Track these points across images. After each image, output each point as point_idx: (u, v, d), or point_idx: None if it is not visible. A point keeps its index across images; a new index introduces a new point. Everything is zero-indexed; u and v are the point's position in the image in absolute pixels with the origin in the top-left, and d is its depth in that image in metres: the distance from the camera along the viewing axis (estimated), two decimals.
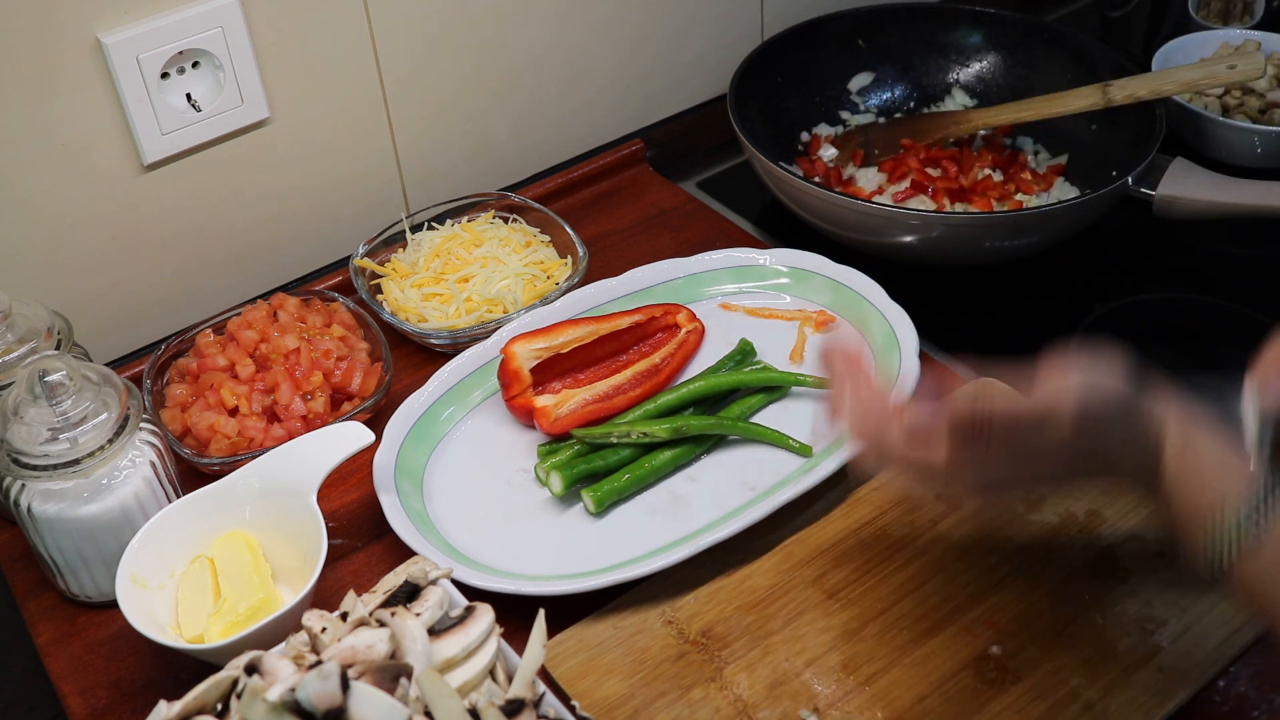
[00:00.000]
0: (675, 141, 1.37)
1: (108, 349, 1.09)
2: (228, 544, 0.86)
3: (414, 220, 1.17)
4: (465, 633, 0.69)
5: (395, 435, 0.97)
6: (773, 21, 1.38)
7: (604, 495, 0.93)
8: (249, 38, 1.03)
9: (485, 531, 0.93)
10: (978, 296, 1.17)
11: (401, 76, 1.15)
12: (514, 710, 0.65)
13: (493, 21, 1.18)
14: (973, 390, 0.72)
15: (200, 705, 0.66)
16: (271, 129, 1.09)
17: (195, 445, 0.97)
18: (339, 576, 0.91)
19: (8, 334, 0.91)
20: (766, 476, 0.95)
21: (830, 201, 1.12)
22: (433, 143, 1.21)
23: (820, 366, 0.76)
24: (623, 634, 0.84)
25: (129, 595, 0.81)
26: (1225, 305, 1.14)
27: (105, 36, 0.97)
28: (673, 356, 1.03)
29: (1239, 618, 0.81)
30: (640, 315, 1.05)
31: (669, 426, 0.95)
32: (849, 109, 1.37)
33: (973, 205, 1.21)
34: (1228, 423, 0.71)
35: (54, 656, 0.88)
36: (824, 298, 1.09)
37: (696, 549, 0.87)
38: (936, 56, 1.37)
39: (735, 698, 0.79)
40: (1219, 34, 1.37)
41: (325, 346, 1.02)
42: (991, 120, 1.26)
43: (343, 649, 0.67)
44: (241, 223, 1.12)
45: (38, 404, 0.82)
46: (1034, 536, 0.88)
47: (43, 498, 0.84)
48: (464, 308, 1.08)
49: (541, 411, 0.98)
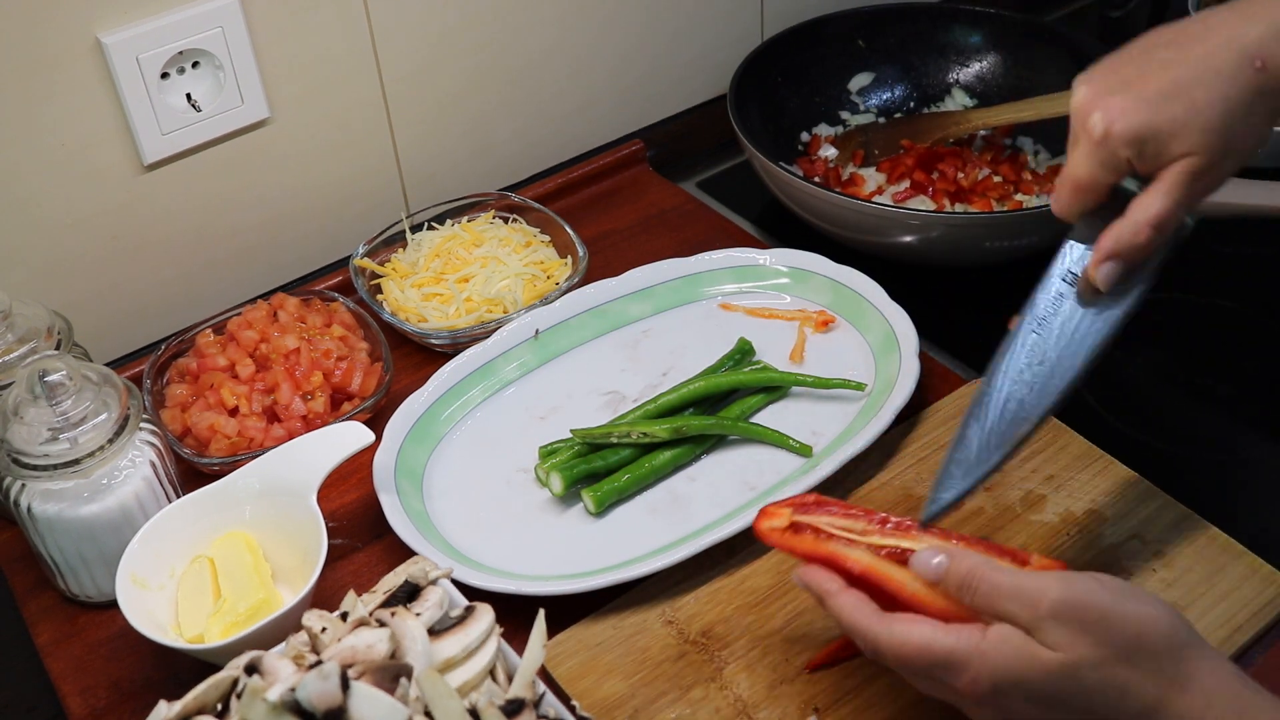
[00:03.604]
0: (675, 141, 1.37)
1: (108, 349, 1.09)
2: (228, 544, 0.86)
3: (414, 220, 1.17)
4: (465, 633, 0.69)
5: (395, 435, 0.97)
6: (773, 21, 1.38)
7: (604, 495, 0.93)
8: (249, 38, 1.03)
9: (485, 531, 0.93)
10: (978, 296, 1.17)
11: (401, 76, 1.15)
12: (514, 710, 0.65)
13: (493, 21, 1.18)
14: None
15: (200, 705, 0.66)
16: (271, 129, 1.09)
17: (195, 445, 0.97)
18: (339, 576, 0.91)
19: (8, 334, 0.91)
20: (766, 476, 0.95)
21: (830, 201, 1.12)
22: (433, 143, 1.21)
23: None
24: (623, 634, 0.84)
25: (129, 595, 0.81)
26: (1225, 305, 1.14)
27: (105, 36, 0.97)
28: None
29: (1239, 617, 0.81)
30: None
31: (669, 426, 0.95)
32: (849, 109, 1.37)
33: (973, 205, 1.21)
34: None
35: (54, 656, 0.88)
36: (824, 298, 1.09)
37: (696, 549, 0.87)
38: (936, 56, 1.37)
39: (735, 698, 0.79)
40: None
41: (325, 346, 1.02)
42: (991, 120, 1.26)
43: (343, 649, 0.67)
44: (241, 222, 1.12)
45: (38, 404, 0.82)
46: (1034, 536, 0.88)
47: (43, 498, 0.84)
48: (464, 308, 1.08)
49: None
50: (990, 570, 0.66)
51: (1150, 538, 0.87)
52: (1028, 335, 0.77)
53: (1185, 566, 0.84)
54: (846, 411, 1.00)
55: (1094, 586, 0.65)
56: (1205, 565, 0.84)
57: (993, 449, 0.76)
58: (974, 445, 0.77)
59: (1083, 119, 0.74)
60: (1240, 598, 0.82)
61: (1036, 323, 0.77)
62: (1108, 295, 0.75)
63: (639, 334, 1.09)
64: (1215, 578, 0.84)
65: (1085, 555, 0.86)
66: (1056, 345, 0.76)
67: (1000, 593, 0.65)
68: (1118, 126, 0.72)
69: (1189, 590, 0.83)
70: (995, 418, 0.76)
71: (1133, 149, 0.72)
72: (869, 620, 0.69)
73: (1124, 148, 0.72)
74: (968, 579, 0.67)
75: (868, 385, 1.01)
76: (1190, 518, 0.88)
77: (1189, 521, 0.87)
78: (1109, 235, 0.74)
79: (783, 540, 0.74)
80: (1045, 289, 0.78)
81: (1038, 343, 0.77)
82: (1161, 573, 0.84)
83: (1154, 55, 0.73)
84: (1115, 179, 0.74)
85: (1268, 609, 0.82)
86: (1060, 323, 0.77)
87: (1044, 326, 0.77)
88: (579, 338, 1.08)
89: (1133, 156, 0.72)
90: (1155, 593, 0.82)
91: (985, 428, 0.76)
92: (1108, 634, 0.63)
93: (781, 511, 0.75)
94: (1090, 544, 0.87)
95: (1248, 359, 1.08)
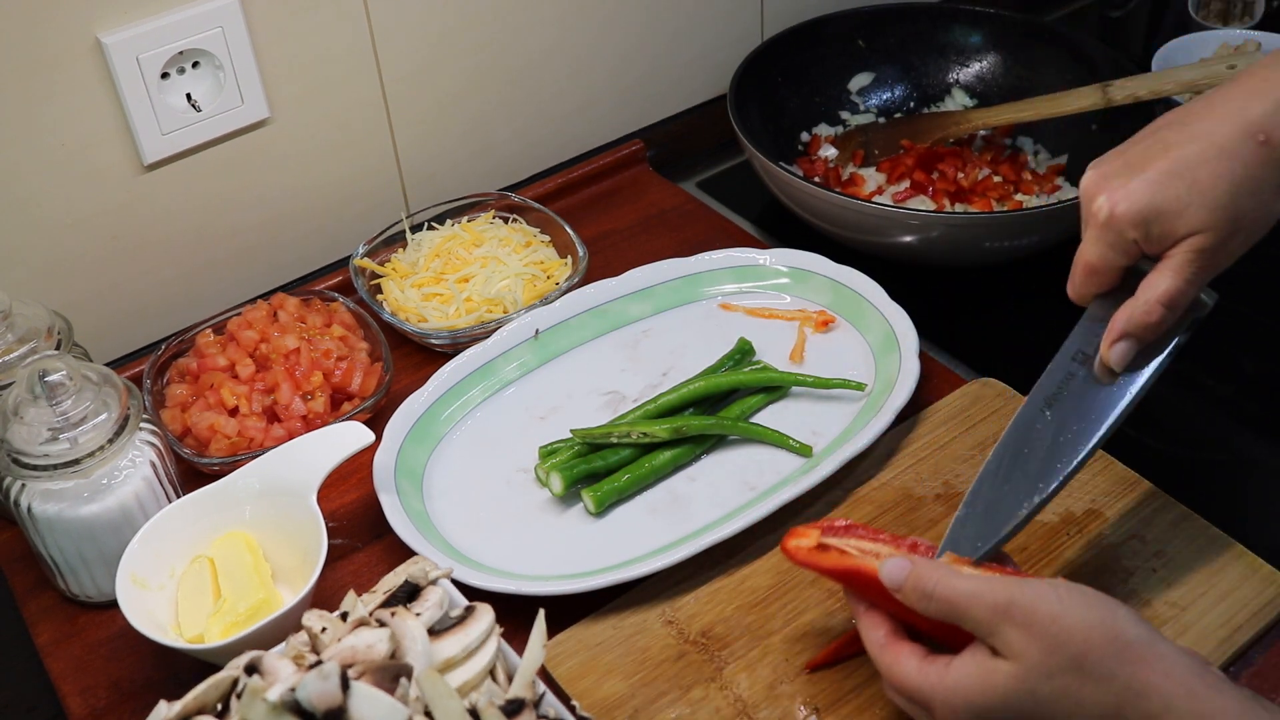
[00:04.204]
0: (675, 141, 1.37)
1: (108, 349, 1.09)
2: (228, 544, 0.86)
3: (414, 220, 1.17)
4: (465, 633, 0.69)
5: (395, 435, 0.97)
6: (773, 21, 1.38)
7: (604, 495, 0.93)
8: (249, 38, 1.03)
9: (485, 531, 0.93)
10: (978, 296, 1.17)
11: (401, 76, 1.15)
12: (514, 710, 0.65)
13: (493, 21, 1.18)
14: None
15: (200, 705, 0.66)
16: (271, 129, 1.09)
17: (195, 445, 0.97)
18: (339, 576, 0.91)
19: (8, 334, 0.91)
20: (766, 476, 0.95)
21: (830, 201, 1.12)
22: (433, 143, 1.21)
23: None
24: (623, 634, 0.84)
25: (129, 595, 0.81)
26: (1225, 305, 1.13)
27: (105, 36, 0.97)
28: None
29: (1239, 617, 0.81)
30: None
31: (669, 426, 0.95)
32: (849, 109, 1.37)
33: (973, 205, 1.21)
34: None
35: (54, 656, 0.88)
36: (824, 298, 1.09)
37: (696, 549, 0.87)
38: (936, 56, 1.37)
39: (735, 698, 0.79)
40: (1219, 34, 1.37)
41: (325, 346, 1.02)
42: (991, 120, 1.26)
43: (343, 649, 0.67)
44: (241, 222, 1.12)
45: (38, 404, 0.82)
46: (1034, 536, 0.88)
47: (43, 498, 0.84)
48: (464, 308, 1.08)
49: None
50: (945, 574, 0.67)
51: (1150, 538, 0.87)
52: (1040, 413, 0.77)
53: (1185, 566, 0.84)
54: (846, 411, 1.00)
55: (1046, 591, 0.65)
56: (1205, 565, 0.84)
57: (988, 538, 0.75)
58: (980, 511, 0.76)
59: (1088, 202, 0.74)
60: (1240, 598, 0.82)
61: (1045, 401, 0.77)
62: (1123, 375, 0.75)
63: (639, 334, 1.09)
64: (1215, 578, 0.84)
65: (1085, 555, 0.86)
66: (1065, 427, 0.76)
67: (955, 596, 0.66)
68: (1121, 208, 0.72)
69: (1189, 590, 0.83)
70: (993, 496, 0.76)
71: (1139, 230, 0.72)
72: (871, 647, 0.71)
73: (1130, 229, 0.72)
74: (921, 585, 0.68)
75: (868, 385, 1.01)
76: (1190, 518, 0.88)
77: (1189, 521, 0.87)
78: (1121, 314, 0.74)
79: (810, 558, 0.74)
80: (1057, 369, 0.77)
81: (1047, 422, 0.76)
82: (1161, 573, 0.84)
83: (1158, 136, 0.74)
84: (1126, 261, 0.74)
85: (1268, 609, 0.82)
86: (1072, 402, 0.76)
87: (1055, 406, 0.76)
88: (579, 338, 1.08)
89: (1140, 238, 0.72)
90: (1155, 593, 0.83)
91: (978, 513, 0.76)
92: (1056, 642, 0.63)
93: (810, 532, 0.75)
94: (1090, 544, 0.87)
95: (1248, 359, 1.08)
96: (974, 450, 0.95)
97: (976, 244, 1.12)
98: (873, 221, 1.12)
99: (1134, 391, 0.75)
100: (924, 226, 1.10)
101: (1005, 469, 0.76)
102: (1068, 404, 0.76)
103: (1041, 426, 0.76)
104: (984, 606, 0.65)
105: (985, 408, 0.98)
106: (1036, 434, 0.76)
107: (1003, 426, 0.96)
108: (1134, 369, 0.75)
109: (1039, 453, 0.76)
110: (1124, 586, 0.84)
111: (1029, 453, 0.76)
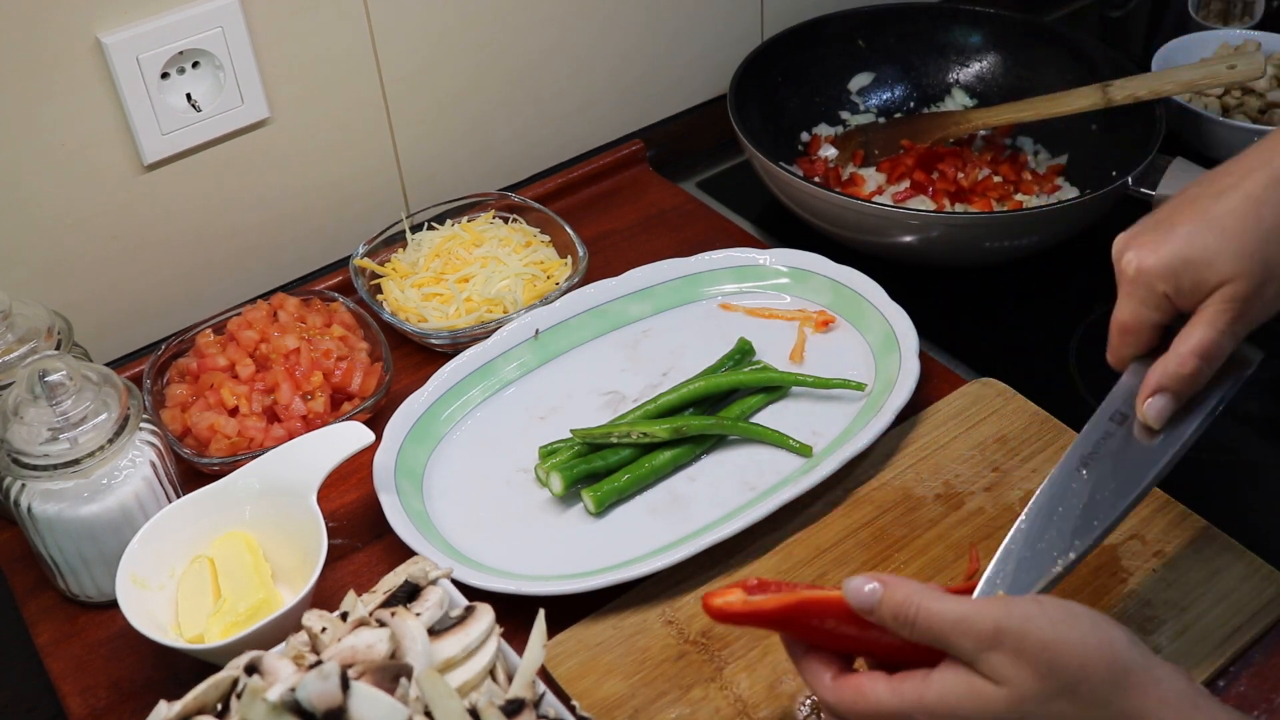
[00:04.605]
0: (675, 141, 1.37)
1: (108, 349, 1.09)
2: (228, 544, 0.86)
3: (414, 220, 1.17)
4: (465, 633, 0.69)
5: (395, 435, 0.97)
6: (773, 21, 1.38)
7: (604, 495, 0.93)
8: (249, 38, 1.03)
9: (485, 531, 0.93)
10: (978, 296, 1.17)
11: (401, 76, 1.15)
12: (514, 710, 0.65)
13: (493, 21, 1.18)
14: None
15: (200, 705, 0.66)
16: (271, 129, 1.09)
17: (195, 445, 0.97)
18: (339, 576, 0.91)
19: (8, 334, 0.91)
20: (766, 476, 0.95)
21: (830, 201, 1.12)
22: (433, 143, 1.21)
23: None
24: (623, 634, 0.84)
25: (129, 595, 0.81)
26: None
27: (105, 36, 0.97)
28: None
29: (1239, 617, 0.81)
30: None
31: (669, 426, 0.95)
32: (849, 109, 1.37)
33: (973, 205, 1.21)
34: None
35: (54, 656, 0.88)
36: (824, 298, 1.09)
37: (696, 549, 0.87)
38: (936, 56, 1.37)
39: (735, 698, 0.79)
40: (1219, 34, 1.37)
41: (325, 346, 1.02)
42: (991, 120, 1.26)
43: (343, 649, 0.67)
44: (241, 222, 1.12)
45: (38, 404, 0.82)
46: None
47: (43, 498, 0.84)
48: (464, 308, 1.08)
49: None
50: (927, 599, 0.64)
51: (1150, 538, 0.87)
52: (1075, 472, 0.75)
53: (1185, 566, 0.84)
54: (846, 411, 1.00)
55: (1035, 612, 0.62)
56: (1205, 565, 0.84)
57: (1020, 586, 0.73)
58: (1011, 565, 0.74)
59: (1118, 260, 0.74)
60: (1240, 598, 0.82)
61: (1081, 460, 0.75)
62: (1162, 434, 0.74)
63: (639, 334, 1.09)
64: (1215, 578, 0.84)
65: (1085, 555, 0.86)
66: (1101, 485, 0.74)
67: (940, 623, 0.63)
68: (1149, 261, 0.72)
69: (1189, 590, 0.83)
70: (1026, 554, 0.73)
71: (1168, 282, 0.72)
72: (821, 689, 0.68)
73: (1160, 282, 0.72)
74: (902, 610, 0.64)
75: (868, 385, 1.01)
76: (1190, 518, 0.88)
77: (1189, 521, 0.87)
78: (1156, 369, 0.73)
79: (747, 607, 0.68)
80: (1094, 429, 0.76)
81: (1083, 481, 0.75)
82: (1161, 573, 0.84)
83: (1186, 195, 0.74)
84: (1159, 317, 0.74)
85: (1268, 609, 0.82)
86: (1109, 461, 0.75)
87: (1091, 465, 0.75)
88: (579, 338, 1.08)
89: (1170, 290, 0.72)
90: (1155, 593, 0.83)
91: (1009, 570, 0.73)
92: (1049, 667, 0.61)
93: (732, 591, 0.70)
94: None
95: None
96: (974, 450, 0.95)
97: (976, 244, 1.12)
98: (873, 221, 1.12)
99: (1174, 450, 0.73)
100: (924, 226, 1.10)
101: (1039, 527, 0.74)
102: (1105, 463, 0.75)
103: (1077, 485, 0.74)
104: (971, 635, 0.62)
105: (985, 408, 0.98)
106: (1072, 492, 0.74)
107: (1003, 426, 0.96)
108: (1173, 427, 0.74)
109: (1074, 510, 0.74)
110: (1124, 586, 0.84)
111: (1064, 511, 0.74)
